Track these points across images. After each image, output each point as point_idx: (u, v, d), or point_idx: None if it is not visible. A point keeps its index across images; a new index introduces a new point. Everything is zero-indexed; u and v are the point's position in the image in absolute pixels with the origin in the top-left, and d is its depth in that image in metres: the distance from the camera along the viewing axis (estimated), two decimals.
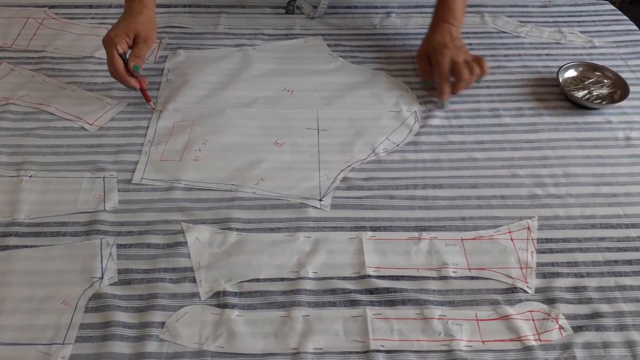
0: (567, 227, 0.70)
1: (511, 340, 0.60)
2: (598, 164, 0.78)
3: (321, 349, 0.58)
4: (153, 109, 0.83)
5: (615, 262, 0.67)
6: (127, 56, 0.81)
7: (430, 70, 0.88)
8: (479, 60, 0.86)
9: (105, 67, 0.89)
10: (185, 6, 1.02)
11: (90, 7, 1.01)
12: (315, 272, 0.64)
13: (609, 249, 0.68)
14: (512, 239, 0.69)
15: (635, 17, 1.09)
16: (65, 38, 0.94)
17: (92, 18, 0.99)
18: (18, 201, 0.70)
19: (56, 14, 0.99)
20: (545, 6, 1.05)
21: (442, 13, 0.90)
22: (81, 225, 0.68)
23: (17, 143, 0.77)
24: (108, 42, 0.80)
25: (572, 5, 1.06)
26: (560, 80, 0.87)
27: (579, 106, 0.86)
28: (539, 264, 0.66)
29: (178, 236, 0.67)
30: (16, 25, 0.96)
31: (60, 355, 0.56)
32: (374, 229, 0.69)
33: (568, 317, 0.61)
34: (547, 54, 0.95)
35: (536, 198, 0.73)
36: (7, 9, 0.99)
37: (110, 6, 1.01)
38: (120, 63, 0.80)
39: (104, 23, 0.98)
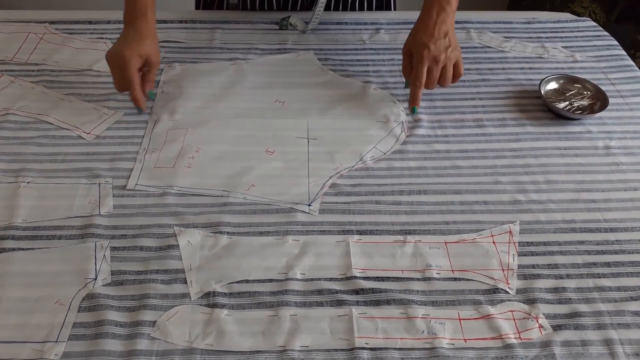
0: (548, 231, 0.72)
1: (492, 338, 0.61)
2: (578, 172, 0.80)
3: (307, 346, 0.60)
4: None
5: (594, 264, 0.69)
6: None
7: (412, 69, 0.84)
8: (457, 65, 0.83)
9: (103, 79, 0.93)
10: (181, 22, 1.05)
11: (90, 23, 1.05)
12: (303, 274, 0.66)
13: (588, 252, 0.70)
14: (494, 242, 0.71)
15: (620, 35, 1.13)
16: (65, 52, 0.97)
17: (91, 33, 1.02)
18: (15, 206, 0.72)
19: (56, 29, 1.03)
20: (529, 22, 1.09)
21: None
22: (76, 229, 0.70)
23: (15, 151, 0.80)
24: (122, 61, 0.82)
25: (554, 22, 1.10)
26: (542, 92, 0.90)
27: (561, 117, 0.89)
28: (520, 266, 0.68)
29: (170, 239, 0.69)
30: (17, 40, 0.99)
31: (53, 352, 0.58)
32: (360, 232, 0.71)
33: (548, 316, 0.63)
34: (530, 68, 0.98)
35: (518, 204, 0.75)
36: (9, 24, 1.03)
37: (109, 22, 1.05)
38: (139, 83, 0.83)
39: (102, 38, 1.01)
